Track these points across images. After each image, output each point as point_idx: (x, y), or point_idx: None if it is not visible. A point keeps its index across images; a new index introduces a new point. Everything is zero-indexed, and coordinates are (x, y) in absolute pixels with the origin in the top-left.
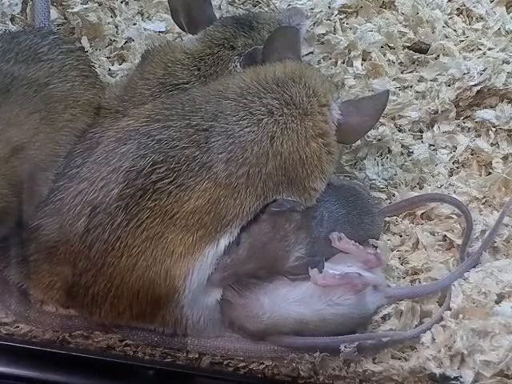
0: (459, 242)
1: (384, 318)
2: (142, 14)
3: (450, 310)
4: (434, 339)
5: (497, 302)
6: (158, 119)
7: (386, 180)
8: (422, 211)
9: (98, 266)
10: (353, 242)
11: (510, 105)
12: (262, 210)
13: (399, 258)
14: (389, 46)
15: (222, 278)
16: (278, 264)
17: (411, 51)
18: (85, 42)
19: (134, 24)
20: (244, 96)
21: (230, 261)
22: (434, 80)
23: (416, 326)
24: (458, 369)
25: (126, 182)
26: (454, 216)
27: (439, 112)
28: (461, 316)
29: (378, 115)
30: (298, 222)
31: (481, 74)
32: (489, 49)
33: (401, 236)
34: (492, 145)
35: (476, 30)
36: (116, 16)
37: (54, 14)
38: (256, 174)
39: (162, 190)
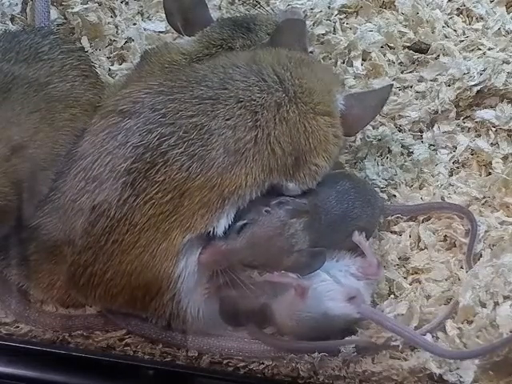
0: (461, 241)
1: None
2: (142, 14)
3: (455, 312)
4: (434, 340)
5: (500, 304)
6: (161, 91)
7: (386, 180)
8: None
9: (100, 243)
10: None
11: (510, 105)
12: (273, 204)
13: (399, 258)
14: (389, 46)
15: (211, 261)
16: (277, 258)
17: (411, 51)
18: (85, 42)
19: (134, 24)
20: (256, 63)
21: (225, 246)
22: (434, 80)
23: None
24: (458, 369)
25: (133, 156)
26: (455, 216)
27: (439, 112)
28: (462, 317)
29: (380, 107)
30: (308, 222)
31: (481, 74)
32: (489, 49)
33: (401, 235)
34: (492, 145)
35: (476, 30)
36: (116, 16)
37: (54, 13)
38: (263, 141)
39: (172, 162)
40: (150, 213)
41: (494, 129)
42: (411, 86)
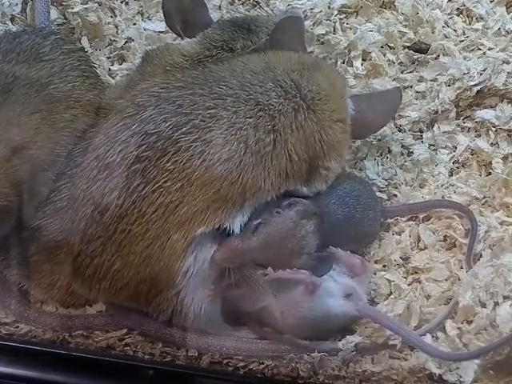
0: (461, 241)
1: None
2: (142, 14)
3: (455, 312)
4: (434, 340)
5: (500, 304)
6: (179, 87)
7: (386, 180)
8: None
9: (109, 232)
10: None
11: (510, 105)
12: (284, 205)
13: (400, 258)
14: (389, 46)
15: (227, 259)
16: (287, 259)
17: (411, 51)
18: (85, 42)
19: (134, 24)
20: (271, 69)
21: (242, 245)
22: (434, 80)
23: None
24: (458, 369)
25: (145, 144)
26: (455, 216)
27: (439, 112)
28: (462, 317)
29: (393, 112)
30: (317, 224)
31: (481, 74)
32: (489, 49)
33: (400, 235)
34: (492, 145)
35: (476, 30)
36: (116, 16)
37: (54, 13)
38: (282, 145)
39: (184, 148)
40: (158, 202)
41: (494, 129)
42: (411, 86)
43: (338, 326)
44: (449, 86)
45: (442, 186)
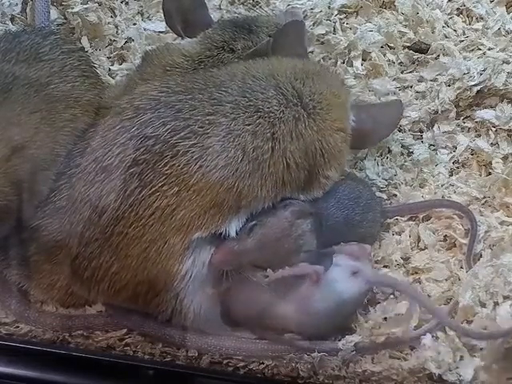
0: (461, 241)
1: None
2: (142, 14)
3: (455, 312)
4: (434, 340)
5: (500, 304)
6: (179, 91)
7: (386, 180)
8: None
9: (106, 235)
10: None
11: (510, 105)
12: (279, 206)
13: (401, 258)
14: (389, 46)
15: (224, 261)
16: (285, 259)
17: (411, 51)
18: (85, 42)
19: (134, 24)
20: (274, 77)
21: (237, 247)
22: (434, 80)
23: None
24: (458, 368)
25: (142, 147)
26: (455, 216)
27: (439, 112)
28: (462, 317)
29: (394, 126)
30: (313, 224)
31: (481, 74)
32: (489, 49)
33: (400, 235)
34: (492, 145)
35: (476, 30)
36: (116, 16)
37: (54, 13)
38: (280, 153)
39: (182, 153)
40: (155, 205)
41: (494, 129)
42: (411, 86)
43: (355, 308)
44: (449, 86)
45: (442, 186)
